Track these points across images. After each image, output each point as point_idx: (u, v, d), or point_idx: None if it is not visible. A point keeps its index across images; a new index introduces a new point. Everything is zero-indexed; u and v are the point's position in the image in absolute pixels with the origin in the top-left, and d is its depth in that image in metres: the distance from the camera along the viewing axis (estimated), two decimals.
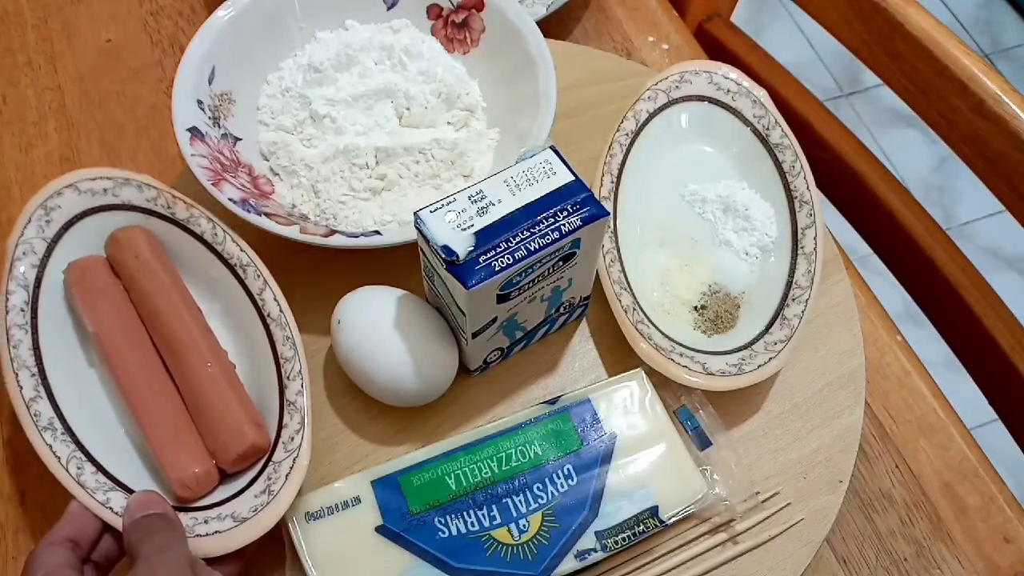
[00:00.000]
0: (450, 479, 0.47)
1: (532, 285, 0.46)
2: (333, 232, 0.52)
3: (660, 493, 0.48)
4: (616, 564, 0.48)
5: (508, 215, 0.44)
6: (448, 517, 0.46)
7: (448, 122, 0.60)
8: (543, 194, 0.45)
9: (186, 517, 0.44)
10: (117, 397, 0.48)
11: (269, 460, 0.46)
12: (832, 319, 0.56)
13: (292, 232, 0.50)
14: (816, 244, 0.55)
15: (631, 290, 0.53)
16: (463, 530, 0.46)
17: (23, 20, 0.69)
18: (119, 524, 0.43)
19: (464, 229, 0.43)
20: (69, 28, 0.69)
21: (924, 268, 0.71)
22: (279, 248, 0.52)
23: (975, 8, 1.77)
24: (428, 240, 0.43)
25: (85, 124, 0.65)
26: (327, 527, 0.46)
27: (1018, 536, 0.52)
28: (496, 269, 0.43)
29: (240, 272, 0.51)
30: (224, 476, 0.47)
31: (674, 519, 0.47)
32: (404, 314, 0.49)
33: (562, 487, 0.48)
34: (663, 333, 0.52)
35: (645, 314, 0.53)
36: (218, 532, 0.43)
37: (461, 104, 0.60)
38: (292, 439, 0.46)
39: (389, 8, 0.62)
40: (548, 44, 0.58)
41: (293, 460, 0.45)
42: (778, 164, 0.59)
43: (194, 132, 0.53)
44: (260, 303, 0.50)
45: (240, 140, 0.57)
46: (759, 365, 0.51)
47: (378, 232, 0.52)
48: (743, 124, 0.60)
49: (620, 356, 0.54)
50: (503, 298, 0.45)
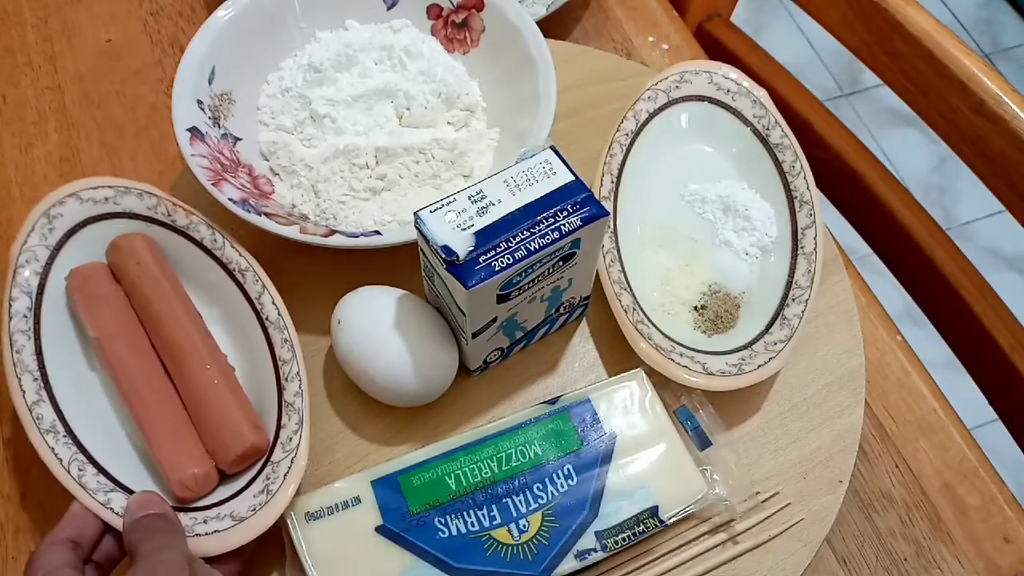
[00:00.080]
0: (450, 479, 0.47)
1: (532, 285, 0.46)
2: (333, 232, 0.52)
3: (660, 493, 0.48)
4: (616, 564, 0.48)
5: (508, 215, 0.44)
6: (448, 517, 0.46)
7: (448, 122, 0.60)
8: (543, 194, 0.45)
9: (186, 517, 0.44)
10: (118, 400, 0.49)
11: (268, 460, 0.47)
12: (832, 319, 0.56)
13: (292, 232, 0.50)
14: (816, 244, 0.55)
15: (631, 290, 0.53)
16: (463, 530, 0.46)
17: (23, 20, 0.69)
18: (120, 524, 0.43)
19: (464, 229, 0.43)
20: (69, 28, 0.69)
21: (924, 268, 0.71)
22: (279, 248, 0.53)
23: (975, 8, 1.77)
24: (428, 240, 0.43)
25: (85, 124, 0.65)
26: (327, 527, 0.46)
27: (1018, 536, 0.52)
28: (496, 269, 0.43)
29: (239, 277, 0.51)
30: (223, 477, 0.47)
31: (674, 519, 0.47)
32: (404, 314, 0.49)
33: (562, 487, 0.48)
34: (663, 333, 0.52)
35: (645, 314, 0.53)
36: (217, 531, 0.44)
37: (461, 104, 0.60)
38: (290, 440, 0.47)
39: (389, 8, 0.62)
40: (548, 44, 0.58)
41: (291, 460, 0.46)
42: (778, 164, 0.59)
43: (194, 132, 0.53)
44: (259, 307, 0.50)
45: (240, 140, 0.57)
46: (759, 365, 0.51)
47: (378, 232, 0.52)
48: (743, 124, 0.60)
49: (620, 356, 0.54)
50: (503, 298, 0.45)
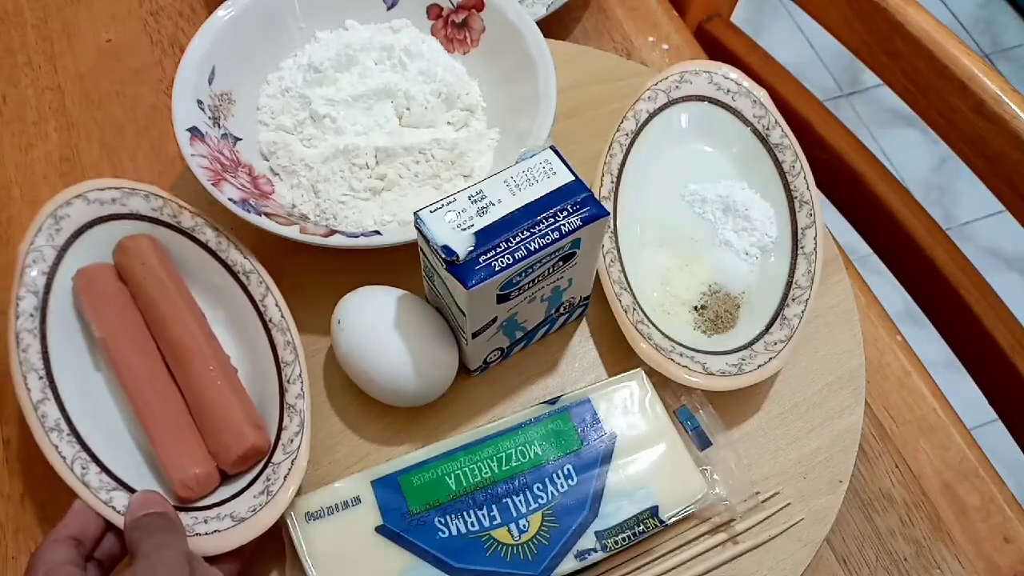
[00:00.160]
0: (450, 479, 0.47)
1: (532, 285, 0.46)
2: (333, 232, 0.52)
3: (660, 493, 0.48)
4: (616, 564, 0.48)
5: (508, 215, 0.44)
6: (448, 517, 0.46)
7: (448, 122, 0.60)
8: (543, 194, 0.45)
9: (187, 517, 0.45)
10: (122, 400, 0.49)
11: (268, 461, 0.47)
12: (832, 319, 0.56)
13: (292, 232, 0.50)
14: (816, 244, 0.55)
15: (631, 290, 0.53)
16: (463, 530, 0.46)
17: (23, 20, 0.69)
18: (121, 523, 0.43)
19: (464, 229, 0.43)
20: (69, 28, 0.69)
21: (924, 268, 0.71)
22: (279, 248, 0.53)
23: (975, 8, 1.77)
24: (428, 240, 0.43)
25: (85, 124, 0.65)
26: (327, 527, 0.46)
27: (1018, 536, 0.52)
28: (496, 269, 0.43)
29: (243, 279, 0.52)
30: (225, 477, 0.48)
31: (674, 519, 0.47)
32: (404, 314, 0.49)
33: (562, 487, 0.48)
34: (663, 333, 0.52)
35: (645, 314, 0.53)
36: (217, 531, 0.44)
37: (461, 104, 0.60)
38: (291, 441, 0.47)
39: (389, 8, 0.62)
40: (548, 44, 0.58)
41: (292, 462, 0.46)
42: (778, 164, 0.59)
43: (194, 132, 0.53)
44: (262, 309, 0.51)
45: (240, 140, 0.57)
46: (759, 365, 0.51)
47: (378, 232, 0.52)
48: (743, 124, 0.60)
49: (620, 356, 0.54)
50: (503, 298, 0.45)
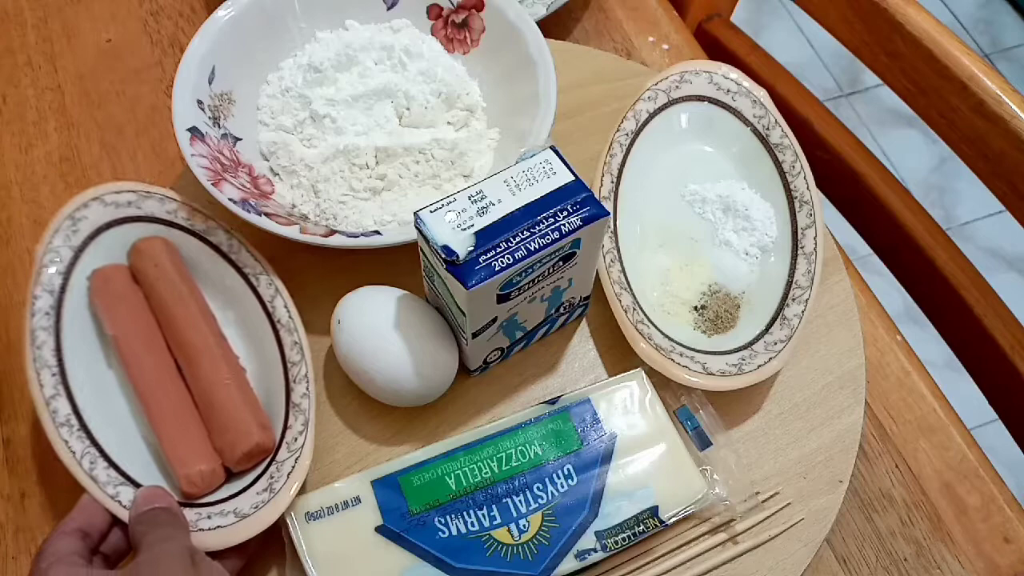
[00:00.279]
0: (450, 479, 0.47)
1: (532, 285, 0.46)
2: (333, 232, 0.52)
3: (660, 493, 0.48)
4: (616, 564, 0.48)
5: (508, 215, 0.44)
6: (448, 517, 0.46)
7: (448, 122, 0.60)
8: (543, 194, 0.45)
9: (191, 512, 0.45)
10: (132, 397, 0.50)
11: (273, 460, 0.47)
12: (832, 319, 0.56)
13: (292, 232, 0.50)
14: (816, 244, 0.55)
15: (631, 290, 0.53)
16: (463, 530, 0.46)
17: (23, 20, 0.69)
18: (127, 517, 0.44)
19: (464, 229, 0.43)
20: (69, 28, 0.69)
21: (924, 268, 0.71)
22: (279, 248, 0.53)
23: (975, 8, 1.77)
24: (428, 240, 0.43)
25: (85, 124, 0.65)
26: (327, 527, 0.46)
27: (1018, 536, 0.52)
28: (496, 269, 0.43)
29: (253, 280, 0.52)
30: (229, 474, 0.48)
31: (674, 519, 0.47)
32: (404, 314, 0.49)
33: (562, 487, 0.48)
34: (663, 333, 0.52)
35: (645, 314, 0.53)
36: (220, 527, 0.45)
37: (461, 104, 0.60)
38: (296, 440, 0.47)
39: (389, 8, 0.62)
40: (548, 44, 0.58)
41: (295, 460, 0.46)
42: (778, 164, 0.59)
43: (194, 132, 0.53)
44: (271, 310, 0.51)
45: (240, 140, 0.57)
46: (759, 365, 0.51)
47: (378, 232, 0.52)
48: (743, 124, 0.60)
49: (620, 356, 0.54)
50: (503, 298, 0.45)
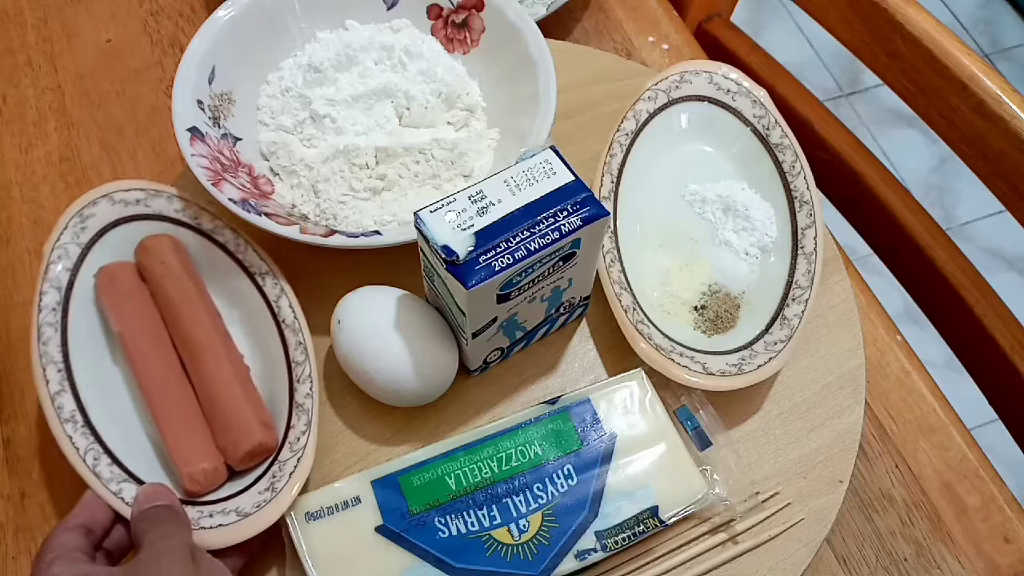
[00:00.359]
0: (450, 479, 0.47)
1: (532, 285, 0.46)
2: (333, 232, 0.52)
3: (660, 493, 0.48)
4: (616, 564, 0.48)
5: (508, 215, 0.44)
6: (448, 517, 0.46)
7: (448, 122, 0.60)
8: (543, 194, 0.45)
9: (193, 510, 0.45)
10: (136, 394, 0.50)
11: (275, 459, 0.48)
12: (832, 319, 0.56)
13: (292, 232, 0.50)
14: (816, 244, 0.55)
15: (631, 290, 0.53)
16: (463, 530, 0.46)
17: (23, 20, 0.69)
18: (129, 514, 0.44)
19: (464, 229, 0.43)
20: (69, 28, 0.69)
21: (924, 268, 0.71)
22: (279, 248, 0.53)
23: (975, 8, 1.77)
24: (428, 240, 0.43)
25: (85, 124, 0.65)
26: (327, 527, 0.46)
27: (1018, 536, 0.52)
28: (496, 269, 0.43)
29: (259, 280, 0.52)
30: (232, 473, 0.48)
31: (674, 519, 0.47)
32: (404, 314, 0.49)
33: (562, 487, 0.48)
34: (663, 333, 0.52)
35: (645, 314, 0.53)
36: (221, 526, 0.45)
37: (461, 104, 0.60)
38: (298, 440, 0.47)
39: (389, 8, 0.62)
40: (548, 44, 0.58)
41: (297, 460, 0.47)
42: (778, 164, 0.59)
43: (194, 132, 0.53)
44: (276, 309, 0.52)
45: (240, 140, 0.57)
46: (759, 365, 0.51)
47: (378, 232, 0.52)
48: (743, 124, 0.60)
49: (620, 356, 0.54)
50: (503, 298, 0.45)
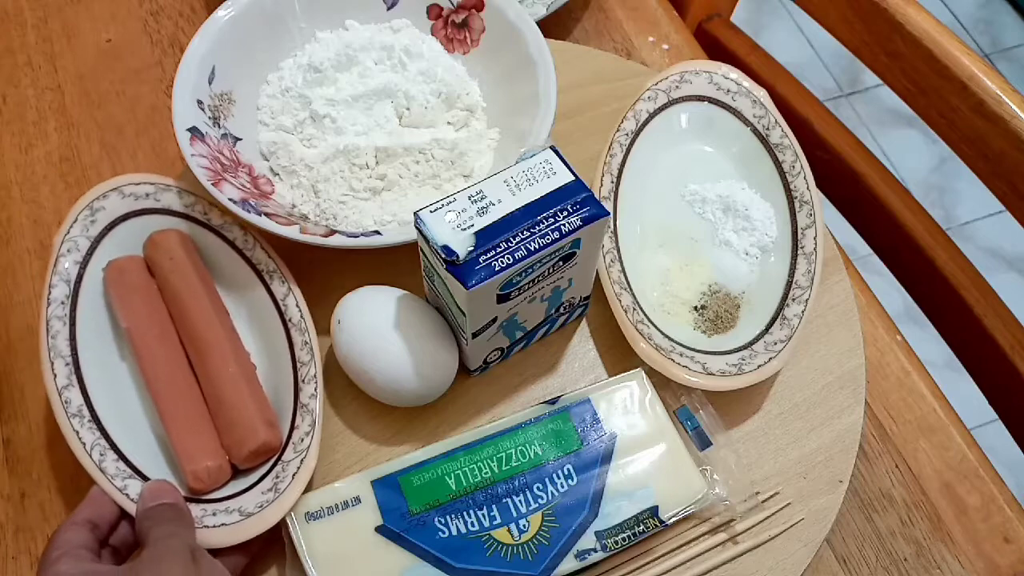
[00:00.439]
0: (450, 479, 0.47)
1: (532, 285, 0.46)
2: (333, 232, 0.52)
3: (660, 493, 0.48)
4: (616, 564, 0.48)
5: (508, 215, 0.44)
6: (448, 517, 0.46)
7: (448, 122, 0.60)
8: (543, 194, 0.45)
9: (196, 508, 0.45)
10: (143, 390, 0.50)
11: (279, 459, 0.47)
12: (832, 319, 0.56)
13: (292, 232, 0.50)
14: (816, 244, 0.55)
15: (631, 290, 0.53)
16: (463, 530, 0.46)
17: (23, 20, 0.69)
18: (134, 510, 0.44)
19: (464, 229, 0.43)
20: (69, 28, 0.69)
21: (924, 268, 0.71)
22: (279, 248, 0.53)
23: (975, 8, 1.77)
24: (428, 240, 0.43)
25: (85, 124, 0.65)
26: (327, 527, 0.46)
27: (1018, 536, 0.52)
28: (496, 269, 0.43)
29: (267, 278, 0.52)
30: (236, 471, 0.48)
31: (674, 519, 0.47)
32: (404, 314, 0.49)
33: (562, 487, 0.48)
34: (663, 333, 0.52)
35: (645, 314, 0.53)
36: (224, 525, 0.45)
37: (461, 104, 0.60)
38: (302, 440, 0.47)
39: (389, 8, 0.62)
40: (548, 44, 0.58)
41: (301, 461, 0.47)
42: (778, 164, 0.59)
43: (194, 132, 0.53)
44: (283, 308, 0.51)
45: (240, 140, 0.57)
46: (759, 365, 0.51)
47: (378, 232, 0.52)
48: (743, 124, 0.60)
49: (620, 356, 0.54)
50: (503, 298, 0.45)
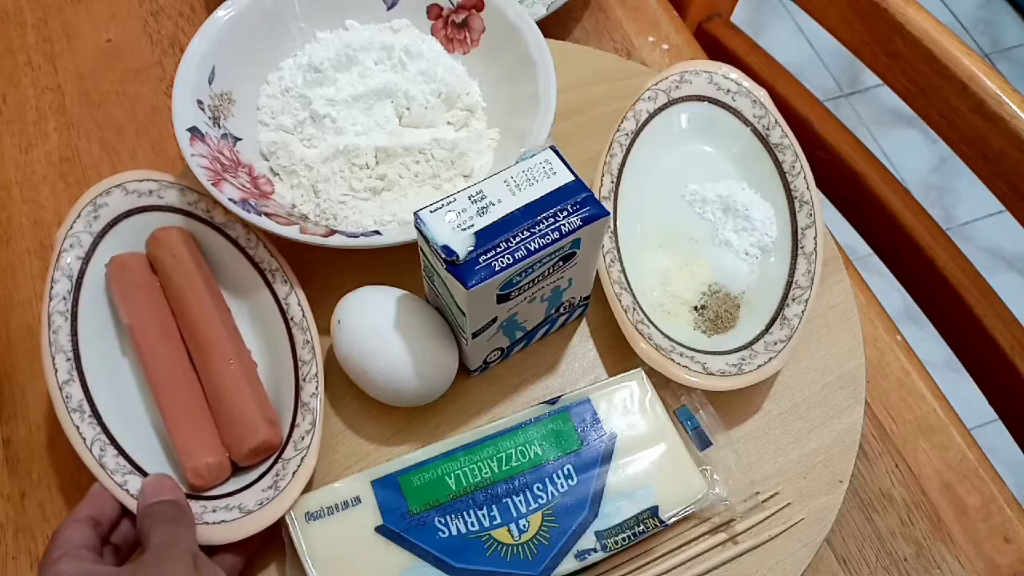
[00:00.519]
0: (450, 479, 0.47)
1: (532, 285, 0.46)
2: (333, 232, 0.52)
3: (660, 493, 0.48)
4: (616, 564, 0.48)
5: (508, 215, 0.44)
6: (448, 517, 0.46)
7: (448, 122, 0.60)
8: (543, 194, 0.45)
9: (196, 504, 0.45)
10: (144, 386, 0.50)
11: (279, 457, 0.48)
12: (832, 319, 0.56)
13: (292, 232, 0.50)
14: (816, 244, 0.55)
15: (631, 290, 0.53)
16: (463, 530, 0.46)
17: (23, 20, 0.69)
18: (134, 506, 0.44)
19: (464, 229, 0.43)
20: (69, 28, 0.69)
21: (924, 268, 0.71)
22: (279, 248, 0.53)
23: (975, 8, 1.77)
24: (428, 240, 0.43)
25: (85, 124, 0.65)
26: (327, 527, 0.46)
27: (1018, 536, 0.52)
28: (496, 269, 0.43)
29: (269, 276, 0.52)
30: (236, 469, 0.48)
31: (674, 519, 0.47)
32: (404, 314, 0.49)
33: (562, 487, 0.48)
34: (663, 333, 0.52)
35: (645, 314, 0.53)
36: (224, 522, 0.45)
37: (461, 104, 0.60)
38: (303, 439, 0.47)
39: (389, 8, 0.62)
40: (548, 44, 0.58)
41: (301, 459, 0.47)
42: (778, 164, 0.59)
43: (194, 132, 0.53)
44: (285, 307, 0.52)
45: (240, 140, 0.57)
46: (759, 365, 0.51)
47: (378, 232, 0.52)
48: (743, 124, 0.60)
49: (620, 356, 0.54)
50: (503, 298, 0.45)
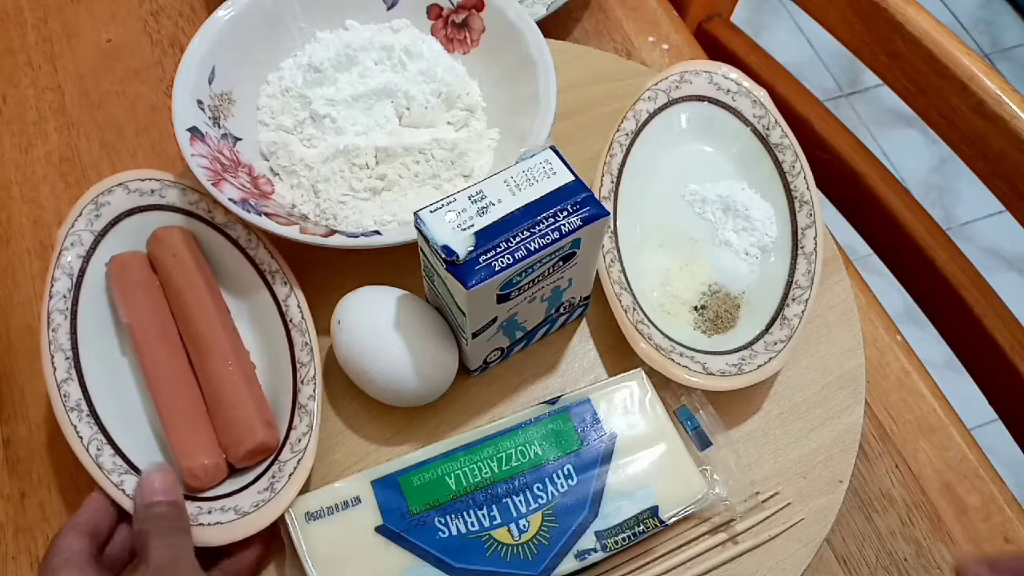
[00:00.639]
0: (450, 479, 0.47)
1: (532, 285, 0.46)
2: (333, 232, 0.52)
3: (660, 493, 0.48)
4: (616, 564, 0.48)
5: (508, 215, 0.44)
6: (448, 517, 0.46)
7: (448, 122, 0.60)
8: (543, 194, 0.45)
9: (192, 505, 0.45)
10: (142, 386, 0.50)
11: (276, 459, 0.47)
12: (832, 319, 0.56)
13: (292, 232, 0.50)
14: (816, 244, 0.55)
15: (631, 290, 0.53)
16: (463, 530, 0.46)
17: (23, 20, 0.69)
18: (131, 506, 0.44)
19: (464, 229, 0.43)
20: (69, 28, 0.69)
21: (924, 268, 0.71)
22: (279, 248, 0.53)
23: (975, 8, 1.77)
24: (428, 240, 0.43)
25: (85, 124, 0.65)
26: (327, 527, 0.46)
27: (1018, 536, 0.52)
28: (496, 269, 0.43)
29: (269, 278, 0.52)
30: (232, 470, 0.48)
31: (674, 519, 0.47)
32: (404, 314, 0.49)
33: (562, 487, 0.48)
34: (663, 333, 0.52)
35: (645, 314, 0.53)
36: (219, 523, 0.45)
37: (461, 104, 0.60)
38: (300, 441, 0.47)
39: (389, 8, 0.62)
40: (548, 44, 0.58)
41: (298, 461, 0.47)
42: (778, 164, 0.59)
43: (194, 132, 0.53)
44: (284, 308, 0.52)
45: (240, 140, 0.57)
46: (759, 365, 0.51)
47: (378, 232, 0.52)
48: (743, 124, 0.60)
49: (620, 356, 0.54)
50: (503, 298, 0.45)
